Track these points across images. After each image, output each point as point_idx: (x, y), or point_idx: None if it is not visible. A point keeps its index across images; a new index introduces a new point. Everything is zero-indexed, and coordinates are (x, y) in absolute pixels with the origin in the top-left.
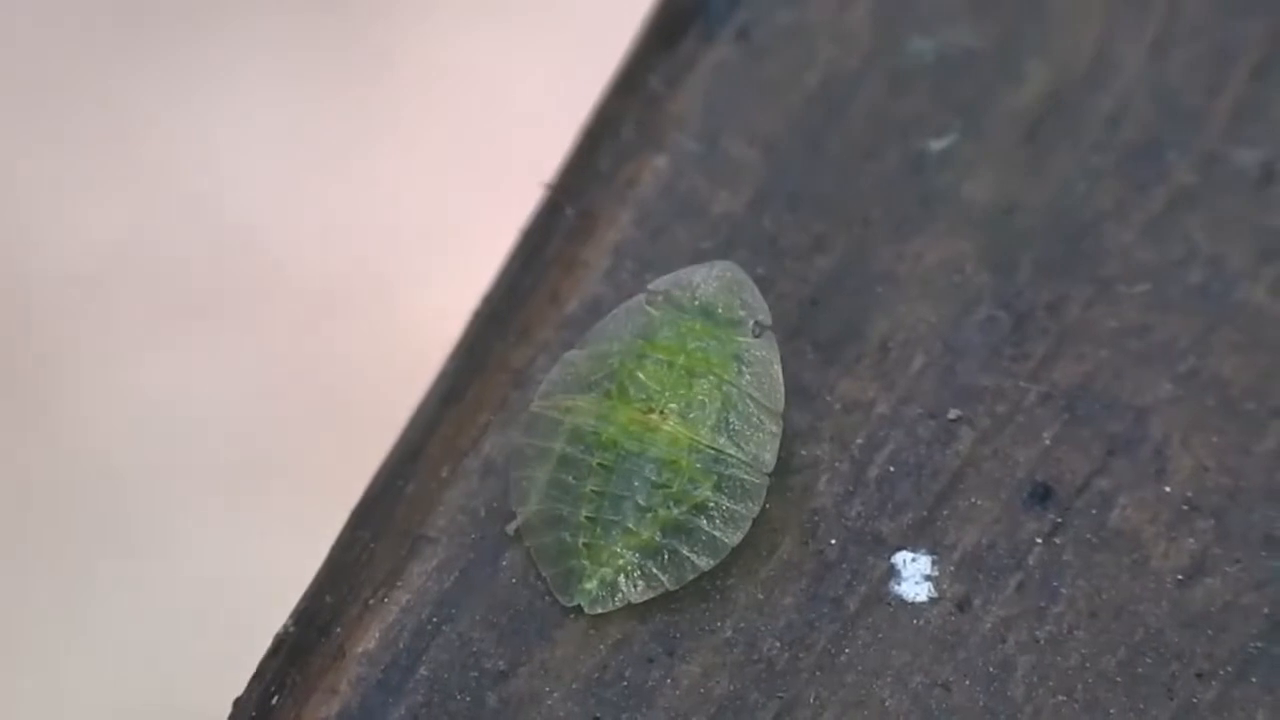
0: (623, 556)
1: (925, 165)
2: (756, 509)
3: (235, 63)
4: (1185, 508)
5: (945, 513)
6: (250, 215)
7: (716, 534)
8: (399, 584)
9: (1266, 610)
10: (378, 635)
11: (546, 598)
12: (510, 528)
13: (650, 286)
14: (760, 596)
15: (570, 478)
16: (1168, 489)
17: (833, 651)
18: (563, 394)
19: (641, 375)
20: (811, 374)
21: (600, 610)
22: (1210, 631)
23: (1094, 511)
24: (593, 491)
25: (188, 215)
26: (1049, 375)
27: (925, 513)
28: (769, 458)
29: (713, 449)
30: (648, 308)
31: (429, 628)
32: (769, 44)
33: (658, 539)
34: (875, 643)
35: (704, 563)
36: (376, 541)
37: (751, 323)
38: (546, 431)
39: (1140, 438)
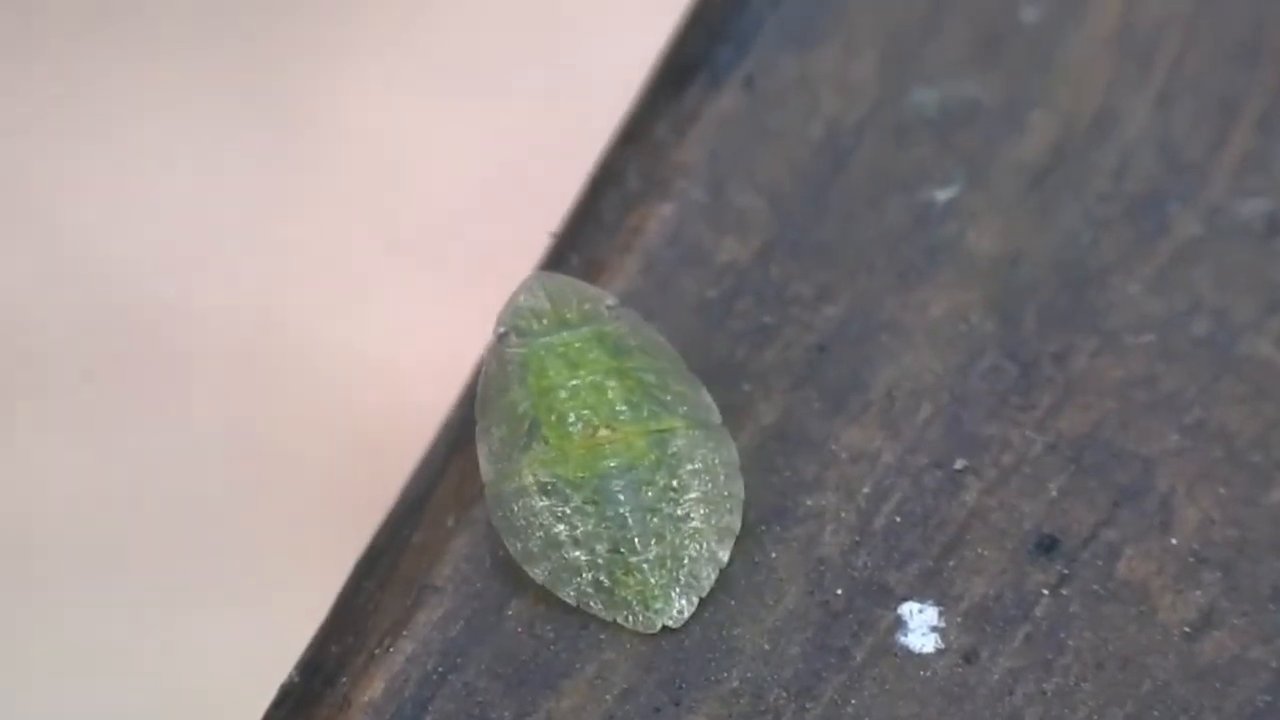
0: (664, 562)
1: (930, 215)
2: (734, 454)
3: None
4: (1192, 560)
5: (952, 564)
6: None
7: (722, 490)
8: (404, 633)
9: (1274, 664)
10: (383, 685)
11: (552, 647)
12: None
13: (497, 332)
14: (766, 647)
15: (563, 529)
16: (1174, 540)
17: (839, 702)
18: (506, 464)
19: (561, 407)
20: (817, 423)
21: (686, 616)
22: (1218, 685)
23: (1100, 563)
24: (594, 529)
25: (81, 276)
26: (1055, 425)
27: (932, 563)
28: (708, 400)
29: (661, 429)
30: (508, 350)
31: (434, 677)
32: (774, 94)
33: (677, 528)
34: (882, 694)
35: (732, 521)
36: (382, 591)
37: (603, 307)
38: (515, 504)
39: (1146, 489)
